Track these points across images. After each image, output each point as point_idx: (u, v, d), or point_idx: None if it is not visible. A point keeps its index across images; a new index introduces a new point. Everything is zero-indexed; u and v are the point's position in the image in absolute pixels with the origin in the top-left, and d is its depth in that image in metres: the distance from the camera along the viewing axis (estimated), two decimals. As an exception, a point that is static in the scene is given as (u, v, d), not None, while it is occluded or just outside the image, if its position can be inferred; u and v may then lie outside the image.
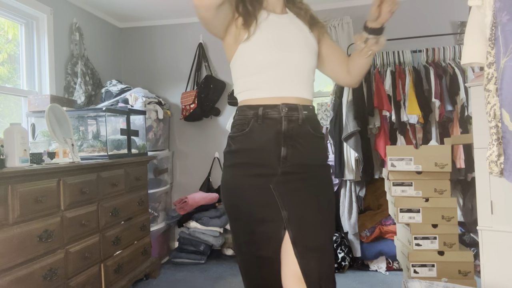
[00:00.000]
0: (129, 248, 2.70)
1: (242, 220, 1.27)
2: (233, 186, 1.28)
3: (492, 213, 1.61)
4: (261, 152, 1.24)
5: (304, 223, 1.22)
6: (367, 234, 3.10)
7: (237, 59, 1.28)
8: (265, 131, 1.23)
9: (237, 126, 1.29)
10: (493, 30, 0.60)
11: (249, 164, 1.24)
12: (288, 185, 1.23)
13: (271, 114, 1.23)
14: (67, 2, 3.25)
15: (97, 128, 3.01)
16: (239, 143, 1.26)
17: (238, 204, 1.27)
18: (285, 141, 1.24)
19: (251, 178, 1.24)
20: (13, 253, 1.71)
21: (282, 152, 1.23)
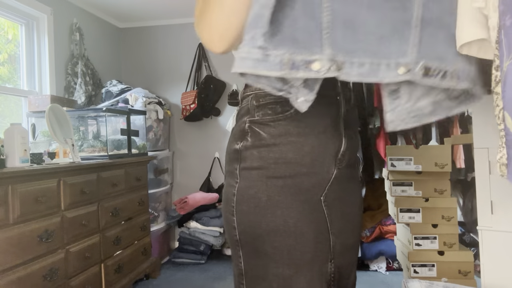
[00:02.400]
0: (129, 248, 2.70)
1: (275, 257, 0.80)
2: (266, 202, 0.80)
3: (492, 213, 1.61)
4: (316, 148, 0.81)
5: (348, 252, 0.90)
6: (367, 234, 3.10)
7: None
8: (320, 114, 0.81)
9: (270, 106, 0.82)
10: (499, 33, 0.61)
11: (296, 166, 0.80)
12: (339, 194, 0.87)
13: (324, 91, 0.72)
14: (67, 2, 3.25)
15: (97, 128, 3.02)
16: (278, 132, 0.81)
17: (276, 232, 0.80)
18: (346, 130, 0.87)
19: (297, 190, 0.80)
20: (13, 253, 1.71)
21: (343, 146, 0.85)
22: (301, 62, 0.63)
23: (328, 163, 0.83)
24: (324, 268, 0.84)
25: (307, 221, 0.80)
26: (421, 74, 0.63)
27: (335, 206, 0.86)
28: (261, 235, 0.80)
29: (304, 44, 0.63)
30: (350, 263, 0.92)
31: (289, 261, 0.80)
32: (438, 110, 0.69)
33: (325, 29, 0.63)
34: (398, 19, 0.64)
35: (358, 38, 0.63)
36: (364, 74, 0.63)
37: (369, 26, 0.63)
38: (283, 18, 0.64)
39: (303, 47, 0.63)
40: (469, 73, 0.66)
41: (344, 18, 0.63)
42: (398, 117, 0.68)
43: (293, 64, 0.62)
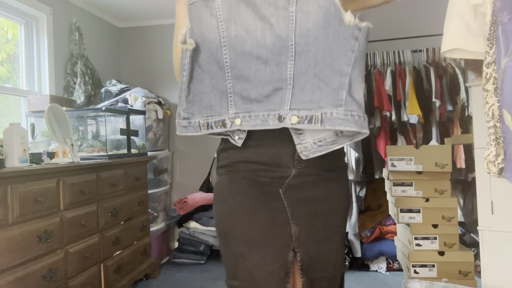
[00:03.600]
0: (129, 248, 2.69)
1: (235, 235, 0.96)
2: (228, 190, 0.99)
3: (492, 213, 1.60)
4: (272, 151, 0.96)
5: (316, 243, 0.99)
6: (367, 234, 3.10)
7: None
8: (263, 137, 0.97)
9: None
10: (492, 30, 0.60)
11: (254, 163, 0.97)
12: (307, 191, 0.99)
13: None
14: (67, 2, 3.25)
15: (97, 128, 3.01)
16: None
17: (233, 212, 0.98)
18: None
19: (252, 183, 0.96)
20: (12, 253, 1.71)
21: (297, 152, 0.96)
22: (213, 123, 0.92)
23: (286, 164, 0.97)
24: (284, 254, 0.95)
25: (261, 206, 0.95)
26: (294, 121, 0.85)
27: (300, 200, 0.98)
28: (223, 218, 0.98)
29: (215, 109, 0.92)
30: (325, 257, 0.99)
31: (243, 239, 0.94)
32: (338, 140, 0.88)
33: (230, 95, 0.90)
34: (276, 81, 0.86)
35: (251, 98, 0.88)
36: (259, 124, 0.88)
37: (257, 89, 0.88)
38: (198, 91, 0.93)
39: (215, 111, 0.92)
40: (337, 115, 0.82)
41: (240, 86, 0.89)
42: (306, 148, 0.90)
43: (208, 125, 0.93)
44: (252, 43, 0.86)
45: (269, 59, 0.86)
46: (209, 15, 0.88)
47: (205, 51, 0.90)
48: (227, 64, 0.89)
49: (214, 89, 0.91)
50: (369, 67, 3.23)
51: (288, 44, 0.85)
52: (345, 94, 0.82)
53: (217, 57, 0.89)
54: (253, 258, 0.93)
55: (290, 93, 0.86)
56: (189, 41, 0.89)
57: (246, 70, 0.87)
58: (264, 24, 0.85)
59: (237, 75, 0.88)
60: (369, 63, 3.24)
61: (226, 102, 0.90)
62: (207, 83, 0.91)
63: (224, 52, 0.88)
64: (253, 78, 0.87)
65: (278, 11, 0.84)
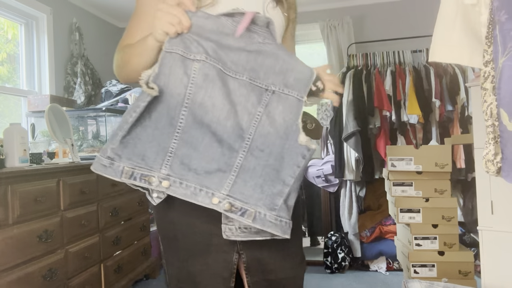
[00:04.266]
0: (129, 248, 2.70)
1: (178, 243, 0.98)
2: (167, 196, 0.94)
3: (492, 213, 1.61)
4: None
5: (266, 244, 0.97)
6: (367, 234, 3.10)
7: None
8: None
9: None
10: (490, 29, 0.60)
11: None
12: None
13: None
14: (67, 2, 3.25)
15: (97, 128, 3.01)
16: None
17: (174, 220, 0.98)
18: None
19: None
20: (13, 253, 1.71)
21: None
22: (139, 175, 0.87)
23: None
24: (228, 257, 0.97)
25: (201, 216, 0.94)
26: (226, 208, 0.86)
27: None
28: (166, 224, 1.00)
29: (148, 161, 0.86)
30: (273, 260, 0.99)
31: (185, 247, 0.97)
32: (262, 233, 0.90)
33: (169, 154, 0.86)
34: (223, 163, 0.87)
35: (190, 168, 0.86)
36: (187, 195, 0.86)
37: (201, 161, 0.87)
38: (136, 137, 0.87)
39: (146, 164, 0.86)
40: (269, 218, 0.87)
41: (185, 151, 0.86)
42: (230, 229, 0.91)
43: (132, 175, 0.87)
44: (213, 117, 0.87)
45: (224, 140, 0.87)
46: (183, 72, 0.87)
47: (162, 102, 0.87)
48: (180, 125, 0.87)
49: (154, 141, 0.87)
50: (369, 67, 3.23)
51: (246, 136, 0.87)
52: (281, 201, 0.88)
53: (172, 114, 0.86)
54: (195, 264, 0.96)
55: (232, 180, 0.87)
56: (154, 87, 0.84)
57: (198, 139, 0.86)
58: (231, 108, 0.87)
59: (186, 139, 0.86)
60: (369, 63, 3.24)
61: (162, 159, 0.86)
62: (149, 132, 0.87)
63: (183, 113, 0.86)
64: (202, 150, 0.86)
65: (247, 104, 0.88)
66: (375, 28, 3.59)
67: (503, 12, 0.59)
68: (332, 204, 3.28)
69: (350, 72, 3.17)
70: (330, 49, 3.57)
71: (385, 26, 3.55)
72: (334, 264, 3.02)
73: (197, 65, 0.87)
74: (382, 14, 3.60)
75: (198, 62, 0.87)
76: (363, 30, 3.62)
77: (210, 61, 0.87)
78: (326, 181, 3.25)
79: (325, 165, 3.28)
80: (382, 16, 3.59)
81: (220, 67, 0.88)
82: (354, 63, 3.27)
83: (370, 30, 3.60)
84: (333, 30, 3.54)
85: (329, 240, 3.11)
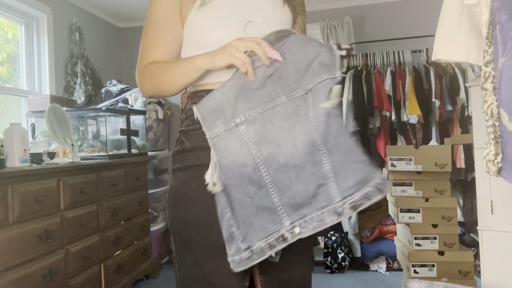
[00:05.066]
0: (129, 248, 2.70)
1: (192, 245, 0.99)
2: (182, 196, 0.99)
3: (492, 213, 1.61)
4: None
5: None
6: (367, 234, 3.10)
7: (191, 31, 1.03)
8: None
9: (191, 118, 1.00)
10: (490, 29, 0.61)
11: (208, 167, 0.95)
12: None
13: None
14: (67, 2, 3.25)
15: (97, 128, 3.01)
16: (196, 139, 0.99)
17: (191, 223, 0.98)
18: None
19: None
20: (13, 253, 1.71)
21: None
22: (275, 241, 0.90)
23: None
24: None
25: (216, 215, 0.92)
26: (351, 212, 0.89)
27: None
28: (181, 226, 1.00)
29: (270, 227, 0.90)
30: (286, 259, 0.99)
31: (201, 248, 0.97)
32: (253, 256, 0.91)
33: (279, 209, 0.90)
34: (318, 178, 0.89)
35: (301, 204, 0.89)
36: (318, 226, 0.89)
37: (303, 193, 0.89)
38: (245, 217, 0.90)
39: (271, 230, 0.90)
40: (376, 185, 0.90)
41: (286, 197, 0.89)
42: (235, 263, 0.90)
43: (270, 245, 0.90)
44: (286, 155, 0.89)
45: (305, 164, 0.89)
46: (238, 142, 0.90)
47: (237, 178, 0.91)
48: (268, 181, 0.90)
49: (260, 209, 0.91)
50: (369, 67, 3.23)
51: (317, 145, 0.89)
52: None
53: (254, 178, 0.90)
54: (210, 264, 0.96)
55: (335, 185, 0.89)
56: (217, 184, 0.89)
57: (287, 180, 0.89)
58: (292, 134, 0.90)
59: (279, 187, 0.89)
60: (369, 63, 3.24)
61: (277, 216, 0.90)
62: (249, 206, 0.91)
63: (263, 171, 0.90)
64: (295, 185, 0.89)
65: (301, 118, 0.90)
66: (375, 28, 3.59)
67: (503, 13, 0.59)
68: (332, 204, 3.28)
69: (350, 72, 3.17)
70: (330, 49, 3.57)
71: (385, 26, 3.55)
72: (334, 264, 3.02)
73: (243, 127, 0.90)
74: (382, 14, 3.60)
75: (241, 124, 0.90)
76: (363, 30, 3.62)
77: (249, 114, 0.91)
78: (326, 181, 3.25)
79: (325, 165, 3.28)
80: (382, 16, 3.59)
81: (259, 111, 0.90)
82: (354, 63, 3.27)
83: (370, 30, 3.60)
84: (333, 30, 3.53)
85: (329, 240, 3.11)
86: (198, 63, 0.95)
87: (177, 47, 1.07)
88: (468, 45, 0.97)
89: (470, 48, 0.97)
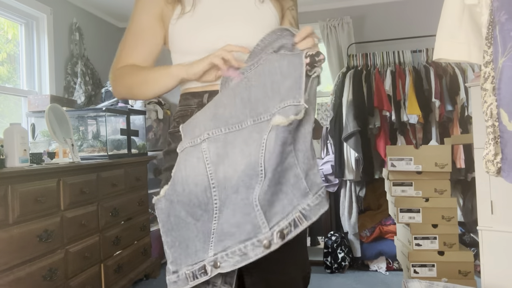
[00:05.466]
0: (129, 248, 2.70)
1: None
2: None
3: (492, 213, 1.61)
4: None
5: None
6: (367, 234, 3.10)
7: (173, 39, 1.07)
8: None
9: (177, 119, 1.05)
10: (490, 29, 0.61)
11: None
12: None
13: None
14: (67, 2, 3.25)
15: (97, 128, 3.01)
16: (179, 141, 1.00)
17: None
18: None
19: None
20: (13, 253, 1.71)
21: None
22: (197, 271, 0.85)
23: None
24: None
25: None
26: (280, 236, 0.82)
27: None
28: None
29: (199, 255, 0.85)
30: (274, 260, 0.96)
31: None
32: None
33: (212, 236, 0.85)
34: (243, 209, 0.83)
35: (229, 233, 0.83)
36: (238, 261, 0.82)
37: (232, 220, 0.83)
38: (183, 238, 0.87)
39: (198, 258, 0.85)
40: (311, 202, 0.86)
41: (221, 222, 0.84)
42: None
43: (194, 275, 0.85)
44: (239, 178, 0.85)
45: (240, 187, 0.84)
46: (196, 158, 0.88)
47: (186, 195, 0.87)
48: (216, 206, 0.86)
49: (200, 233, 0.87)
50: (369, 67, 3.23)
51: (258, 169, 0.84)
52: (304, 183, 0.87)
53: (203, 200, 0.86)
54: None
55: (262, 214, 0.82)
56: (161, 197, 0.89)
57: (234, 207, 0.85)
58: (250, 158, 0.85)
59: (223, 214, 0.85)
60: (369, 63, 3.24)
61: (207, 244, 0.85)
62: (191, 228, 0.87)
63: (214, 194, 0.86)
64: (225, 210, 0.86)
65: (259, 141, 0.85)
66: (375, 28, 3.59)
67: (503, 13, 0.59)
68: (332, 204, 3.28)
69: (350, 72, 3.17)
70: (330, 49, 3.58)
71: (385, 26, 3.55)
72: (334, 264, 3.02)
73: (204, 145, 0.88)
74: (382, 14, 3.60)
75: (204, 142, 0.88)
76: (363, 30, 3.62)
77: (213, 132, 0.88)
78: (326, 181, 3.25)
79: (325, 165, 3.28)
80: (382, 16, 3.59)
81: (224, 131, 0.88)
82: (354, 63, 3.27)
83: (370, 30, 3.60)
84: (333, 30, 3.54)
85: (329, 240, 3.11)
86: (172, 71, 1.01)
87: (154, 54, 1.11)
88: (469, 45, 0.97)
89: (472, 48, 0.97)
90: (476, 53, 0.98)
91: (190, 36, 1.03)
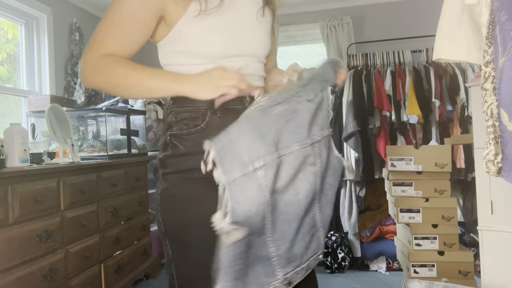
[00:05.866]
0: (129, 248, 2.70)
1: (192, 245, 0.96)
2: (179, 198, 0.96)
3: (492, 213, 1.61)
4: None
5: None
6: (367, 234, 3.10)
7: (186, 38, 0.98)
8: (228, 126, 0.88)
9: (185, 121, 0.98)
10: (490, 29, 0.61)
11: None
12: None
13: (232, 105, 0.97)
14: (67, 2, 3.25)
15: (97, 128, 3.01)
16: (191, 144, 0.96)
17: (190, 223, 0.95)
18: None
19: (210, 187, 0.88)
20: (13, 253, 1.71)
21: None
22: None
23: None
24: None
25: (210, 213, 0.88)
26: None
27: None
28: (179, 226, 0.96)
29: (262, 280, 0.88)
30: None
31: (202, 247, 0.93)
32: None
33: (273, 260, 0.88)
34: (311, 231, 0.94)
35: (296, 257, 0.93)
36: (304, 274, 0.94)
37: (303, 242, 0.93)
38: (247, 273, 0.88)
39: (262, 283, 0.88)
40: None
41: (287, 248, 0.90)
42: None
43: None
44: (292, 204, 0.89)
45: (305, 214, 0.92)
46: (255, 188, 0.83)
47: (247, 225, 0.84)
48: (268, 229, 0.87)
49: (256, 259, 0.88)
50: (369, 67, 3.23)
51: (316, 195, 0.94)
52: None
53: (258, 226, 0.85)
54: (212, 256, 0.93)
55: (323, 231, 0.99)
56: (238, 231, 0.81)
57: (286, 231, 0.89)
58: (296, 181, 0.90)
59: (277, 237, 0.88)
60: (369, 63, 3.25)
61: (270, 268, 0.88)
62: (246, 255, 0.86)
63: (268, 219, 0.86)
64: (295, 236, 0.90)
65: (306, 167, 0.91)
66: (375, 28, 3.59)
67: (503, 13, 0.59)
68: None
69: (350, 72, 3.17)
70: (330, 49, 3.58)
71: (385, 26, 3.55)
72: (334, 264, 3.02)
73: (261, 172, 0.84)
74: (382, 14, 3.60)
75: (260, 169, 0.84)
76: (363, 30, 3.63)
77: (269, 158, 0.85)
78: (326, 181, 3.24)
79: (325, 165, 3.28)
80: (382, 16, 3.59)
81: (277, 156, 0.86)
82: (354, 63, 3.27)
83: (370, 30, 3.61)
84: (333, 30, 3.54)
85: (329, 240, 3.11)
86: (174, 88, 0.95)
87: (138, 47, 1.04)
88: (469, 45, 0.97)
89: (471, 48, 0.98)
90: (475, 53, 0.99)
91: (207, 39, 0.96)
